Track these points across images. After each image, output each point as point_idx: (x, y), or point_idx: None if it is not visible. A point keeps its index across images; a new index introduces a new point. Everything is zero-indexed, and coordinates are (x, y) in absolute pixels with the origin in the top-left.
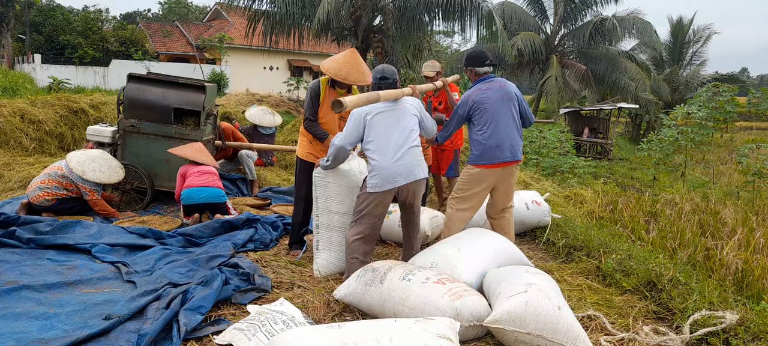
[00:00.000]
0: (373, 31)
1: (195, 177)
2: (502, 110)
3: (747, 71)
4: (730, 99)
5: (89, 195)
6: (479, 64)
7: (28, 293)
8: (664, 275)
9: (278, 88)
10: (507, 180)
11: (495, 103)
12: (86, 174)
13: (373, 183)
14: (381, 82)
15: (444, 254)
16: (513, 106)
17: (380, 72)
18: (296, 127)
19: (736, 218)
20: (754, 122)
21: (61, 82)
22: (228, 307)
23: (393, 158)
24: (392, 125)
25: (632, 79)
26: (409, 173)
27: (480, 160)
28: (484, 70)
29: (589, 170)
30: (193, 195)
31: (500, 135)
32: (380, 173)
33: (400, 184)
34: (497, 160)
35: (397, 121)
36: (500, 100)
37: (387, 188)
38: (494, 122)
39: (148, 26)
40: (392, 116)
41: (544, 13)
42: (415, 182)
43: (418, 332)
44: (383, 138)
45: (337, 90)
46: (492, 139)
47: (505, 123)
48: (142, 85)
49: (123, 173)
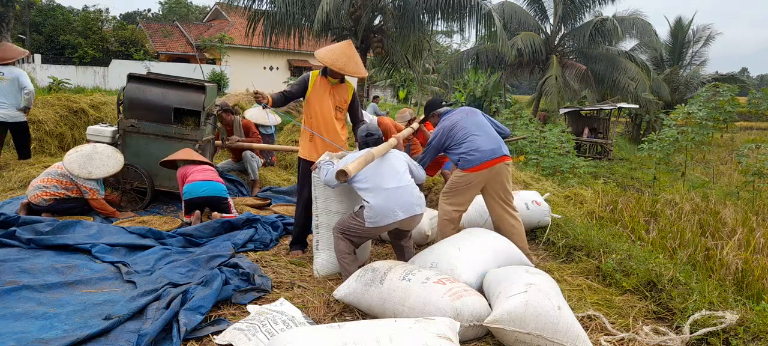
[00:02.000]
0: (373, 31)
1: (196, 173)
2: (471, 123)
3: (747, 71)
4: (730, 99)
5: (90, 194)
6: (437, 107)
7: (28, 293)
8: (664, 275)
9: (278, 88)
10: (496, 179)
11: (463, 121)
12: (93, 174)
13: (369, 216)
14: (368, 138)
15: (444, 253)
16: (481, 116)
17: (365, 130)
18: (296, 127)
19: (736, 218)
20: (754, 122)
21: (61, 82)
22: (228, 307)
23: (389, 195)
24: (383, 167)
25: (632, 79)
26: (409, 208)
27: (465, 166)
28: (444, 109)
29: (589, 170)
30: (195, 189)
31: (476, 141)
32: (378, 210)
33: (400, 218)
34: (480, 161)
35: (387, 164)
36: (466, 116)
37: (386, 222)
38: (469, 135)
39: (148, 26)
40: (383, 165)
41: (544, 13)
42: (414, 216)
43: (418, 332)
44: (377, 178)
45: (329, 79)
46: (471, 149)
47: (478, 130)
48: (142, 85)
49: (122, 157)
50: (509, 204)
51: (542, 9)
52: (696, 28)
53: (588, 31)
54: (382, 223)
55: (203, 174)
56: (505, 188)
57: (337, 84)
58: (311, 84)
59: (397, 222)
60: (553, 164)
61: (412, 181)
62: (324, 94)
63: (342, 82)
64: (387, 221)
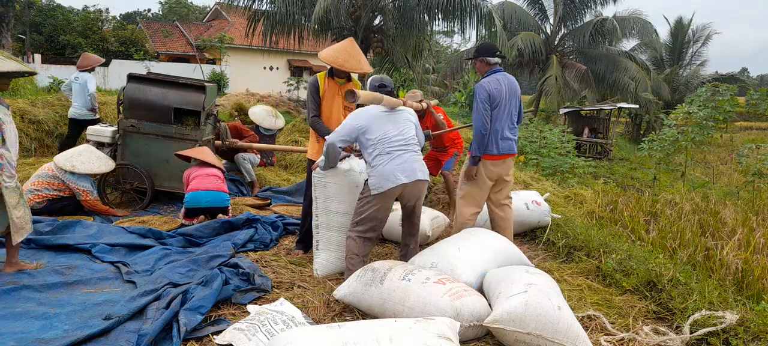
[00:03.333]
0: (373, 31)
1: (201, 179)
2: (506, 107)
3: (747, 71)
4: (730, 98)
5: (83, 195)
6: (490, 55)
7: (28, 293)
8: (664, 275)
9: (278, 88)
10: (508, 171)
11: (504, 99)
12: (76, 168)
13: (374, 183)
14: (380, 89)
15: (444, 253)
16: (514, 103)
17: (379, 80)
18: (296, 127)
19: (736, 218)
20: (753, 122)
21: (61, 82)
22: (228, 307)
23: (393, 156)
24: (391, 128)
25: (632, 79)
26: (412, 172)
27: (489, 151)
28: (495, 61)
29: (589, 170)
30: (199, 199)
31: (503, 130)
32: (381, 171)
33: (402, 182)
34: (498, 152)
35: (395, 125)
36: (508, 96)
37: (388, 186)
38: (499, 117)
39: (148, 26)
40: (390, 121)
41: (544, 13)
42: (417, 181)
43: (418, 332)
44: (384, 138)
45: (336, 80)
46: (501, 131)
47: (507, 119)
48: (142, 85)
49: (113, 164)
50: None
51: (542, 9)
52: (695, 28)
53: (588, 31)
54: (385, 187)
55: (208, 181)
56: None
57: (345, 84)
58: (321, 87)
59: (399, 186)
60: (553, 164)
61: (418, 150)
62: (333, 95)
63: (349, 81)
64: (389, 185)
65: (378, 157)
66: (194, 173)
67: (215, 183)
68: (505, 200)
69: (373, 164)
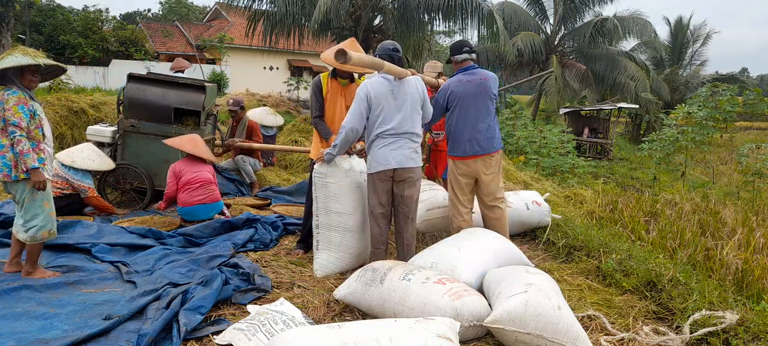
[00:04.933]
0: (373, 31)
1: (192, 191)
2: (475, 105)
3: (747, 71)
4: (730, 98)
5: (89, 192)
6: (457, 53)
7: (28, 293)
8: (664, 275)
9: (278, 88)
10: (484, 171)
11: (470, 98)
12: (76, 163)
13: (370, 163)
14: (393, 53)
15: (444, 253)
16: (488, 101)
17: (393, 44)
18: (297, 127)
19: (736, 218)
20: (753, 122)
21: (61, 82)
22: (228, 307)
23: (388, 142)
24: (394, 113)
25: (632, 79)
26: (403, 160)
27: (453, 152)
28: (463, 58)
29: (589, 170)
30: (196, 213)
31: (471, 129)
32: (375, 154)
33: (392, 166)
34: (466, 153)
35: (398, 109)
36: (477, 95)
37: (380, 169)
38: (464, 116)
39: (148, 26)
40: (394, 100)
41: (544, 13)
42: (407, 169)
43: (418, 332)
44: (384, 122)
45: (339, 80)
46: (463, 132)
47: (473, 118)
48: (142, 85)
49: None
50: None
51: (542, 9)
52: (694, 27)
53: (588, 31)
54: (377, 169)
55: (199, 193)
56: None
57: (348, 84)
58: (325, 87)
59: (390, 170)
60: (553, 164)
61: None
62: (336, 95)
63: (352, 81)
64: (380, 168)
65: (377, 139)
66: (183, 172)
67: (206, 192)
68: (493, 200)
69: (369, 146)
